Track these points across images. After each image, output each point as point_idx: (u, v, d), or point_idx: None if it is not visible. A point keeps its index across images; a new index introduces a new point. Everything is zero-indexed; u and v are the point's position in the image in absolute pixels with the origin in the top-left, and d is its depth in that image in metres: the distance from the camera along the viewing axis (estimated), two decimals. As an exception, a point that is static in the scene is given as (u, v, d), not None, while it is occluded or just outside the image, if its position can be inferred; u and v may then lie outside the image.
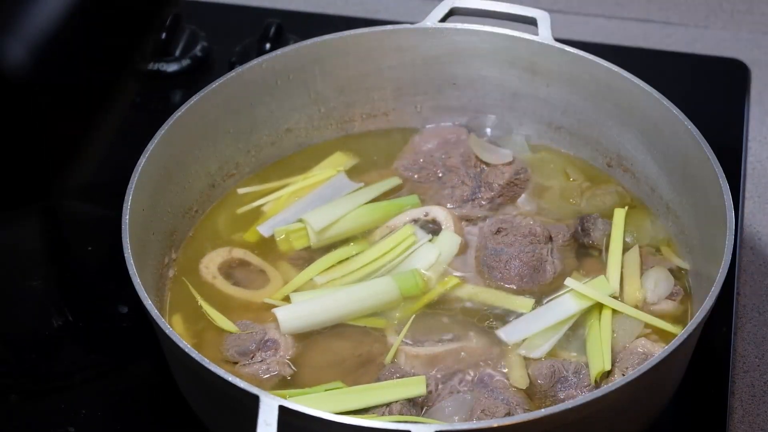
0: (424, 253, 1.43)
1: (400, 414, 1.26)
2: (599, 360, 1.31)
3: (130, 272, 1.25)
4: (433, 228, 1.47)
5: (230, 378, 1.16)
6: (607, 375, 1.31)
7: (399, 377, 1.30)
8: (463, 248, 1.45)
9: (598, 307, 1.37)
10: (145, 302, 1.23)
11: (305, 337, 1.36)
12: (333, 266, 1.43)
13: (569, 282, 1.37)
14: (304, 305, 1.37)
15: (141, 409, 1.41)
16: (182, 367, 1.29)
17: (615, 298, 1.38)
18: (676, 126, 1.42)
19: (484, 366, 1.33)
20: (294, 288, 1.41)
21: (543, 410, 1.14)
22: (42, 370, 1.45)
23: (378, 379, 1.31)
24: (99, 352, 1.48)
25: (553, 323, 1.35)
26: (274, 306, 1.38)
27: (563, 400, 1.29)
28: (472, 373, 1.32)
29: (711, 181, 1.35)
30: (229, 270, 1.44)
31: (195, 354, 1.18)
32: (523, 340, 1.35)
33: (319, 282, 1.42)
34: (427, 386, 1.29)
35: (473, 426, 1.15)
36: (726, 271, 1.24)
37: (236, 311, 1.39)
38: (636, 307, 1.37)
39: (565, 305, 1.36)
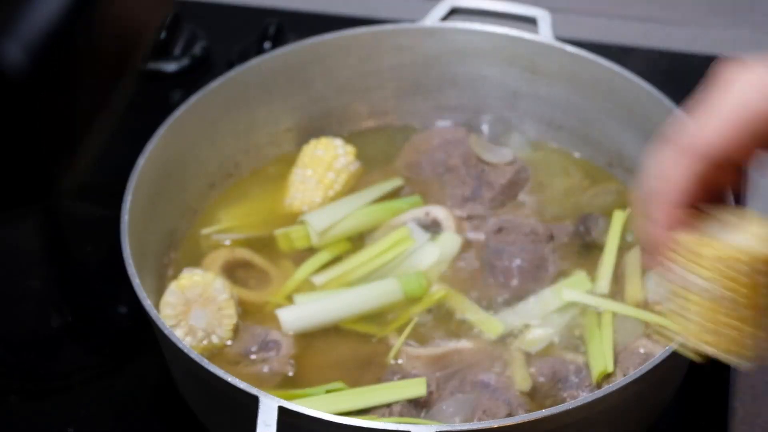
0: (425, 252, 1.43)
1: (401, 415, 1.26)
2: (601, 360, 1.31)
3: (130, 272, 1.25)
4: (433, 228, 1.47)
5: (230, 378, 1.16)
6: (608, 375, 1.31)
7: (400, 378, 1.30)
8: (465, 248, 1.45)
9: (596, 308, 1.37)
10: (144, 302, 1.23)
11: (306, 338, 1.36)
12: (331, 265, 1.43)
13: (566, 294, 1.37)
14: (306, 306, 1.37)
15: (141, 409, 1.41)
16: (182, 367, 1.29)
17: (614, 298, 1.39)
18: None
19: (485, 366, 1.33)
20: (291, 287, 1.41)
21: (543, 411, 1.14)
22: (42, 370, 1.45)
23: (379, 380, 1.31)
24: (99, 352, 1.48)
25: (538, 319, 1.35)
26: (277, 305, 1.38)
27: (564, 400, 1.29)
28: (473, 374, 1.32)
29: (712, 181, 1.34)
30: (231, 270, 1.43)
31: (195, 354, 1.18)
32: (518, 337, 1.35)
33: (318, 282, 1.41)
34: (428, 387, 1.29)
35: (473, 426, 1.14)
36: (726, 271, 1.24)
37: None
38: (637, 307, 1.37)
39: (548, 301, 1.37)
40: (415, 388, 1.28)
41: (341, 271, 1.43)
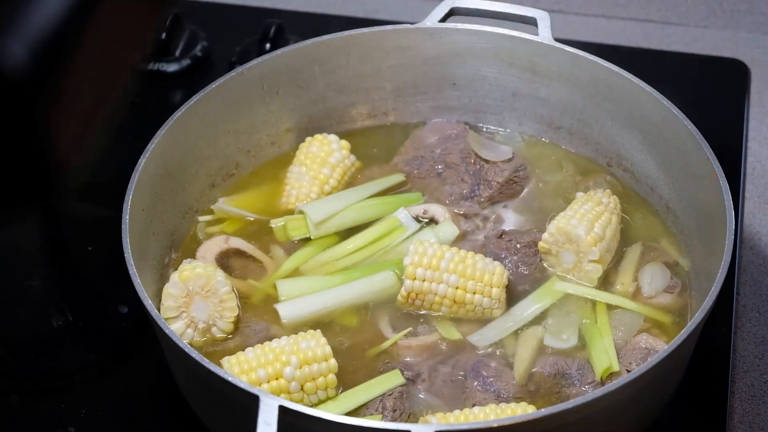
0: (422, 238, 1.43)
1: (394, 408, 1.27)
2: (604, 358, 1.31)
3: (130, 272, 1.25)
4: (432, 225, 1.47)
5: (230, 378, 1.16)
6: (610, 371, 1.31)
7: (392, 367, 1.32)
8: (461, 238, 1.45)
9: (593, 304, 1.38)
10: (145, 302, 1.23)
11: (301, 328, 1.36)
12: (321, 254, 1.44)
13: (558, 285, 1.38)
14: (305, 300, 1.38)
15: (141, 409, 1.41)
16: (182, 367, 1.29)
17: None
18: (676, 126, 1.42)
19: (478, 355, 1.34)
20: (280, 277, 1.42)
21: (543, 410, 1.14)
22: (42, 370, 1.45)
23: (373, 368, 1.32)
24: (99, 352, 1.48)
25: (519, 326, 1.36)
26: (268, 295, 1.40)
27: (568, 397, 1.29)
28: (466, 362, 1.32)
29: (711, 181, 1.35)
30: (225, 259, 1.44)
31: (195, 354, 1.18)
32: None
33: (303, 267, 1.43)
34: (419, 374, 1.31)
35: (473, 426, 1.15)
36: (726, 270, 1.24)
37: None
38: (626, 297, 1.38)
39: (528, 307, 1.38)
40: (393, 379, 1.30)
41: (329, 257, 1.44)
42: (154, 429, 1.40)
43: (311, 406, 1.27)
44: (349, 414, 1.27)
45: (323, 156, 1.51)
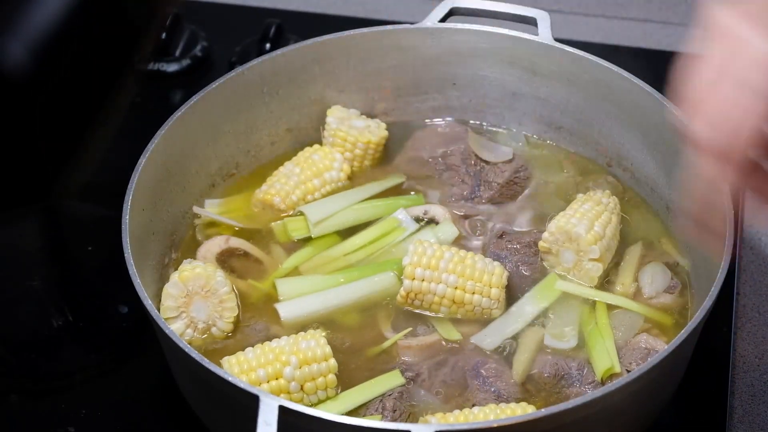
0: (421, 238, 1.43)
1: (394, 408, 1.27)
2: (605, 358, 1.31)
3: (130, 272, 1.25)
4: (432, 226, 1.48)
5: (230, 378, 1.16)
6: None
7: (392, 367, 1.32)
8: (461, 239, 1.45)
9: (593, 304, 1.38)
10: (145, 302, 1.23)
11: (301, 327, 1.36)
12: (320, 253, 1.44)
13: (558, 284, 1.39)
14: (305, 300, 1.38)
15: (141, 409, 1.42)
16: (182, 367, 1.29)
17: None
18: (676, 126, 1.42)
19: (478, 355, 1.34)
20: (280, 276, 1.42)
21: (543, 410, 1.14)
22: (42, 370, 1.45)
23: (374, 369, 1.32)
24: (99, 352, 1.48)
25: (520, 327, 1.36)
26: (268, 295, 1.40)
27: (567, 398, 1.29)
28: (465, 362, 1.33)
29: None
30: (225, 259, 1.44)
31: (195, 354, 1.18)
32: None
33: (303, 268, 1.43)
34: (419, 374, 1.31)
35: (473, 426, 1.15)
36: (726, 270, 1.24)
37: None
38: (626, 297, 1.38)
39: (528, 306, 1.38)
40: (393, 379, 1.30)
41: (329, 257, 1.44)
42: (154, 429, 1.41)
43: (311, 406, 1.27)
44: (349, 414, 1.28)
45: (321, 168, 1.51)
